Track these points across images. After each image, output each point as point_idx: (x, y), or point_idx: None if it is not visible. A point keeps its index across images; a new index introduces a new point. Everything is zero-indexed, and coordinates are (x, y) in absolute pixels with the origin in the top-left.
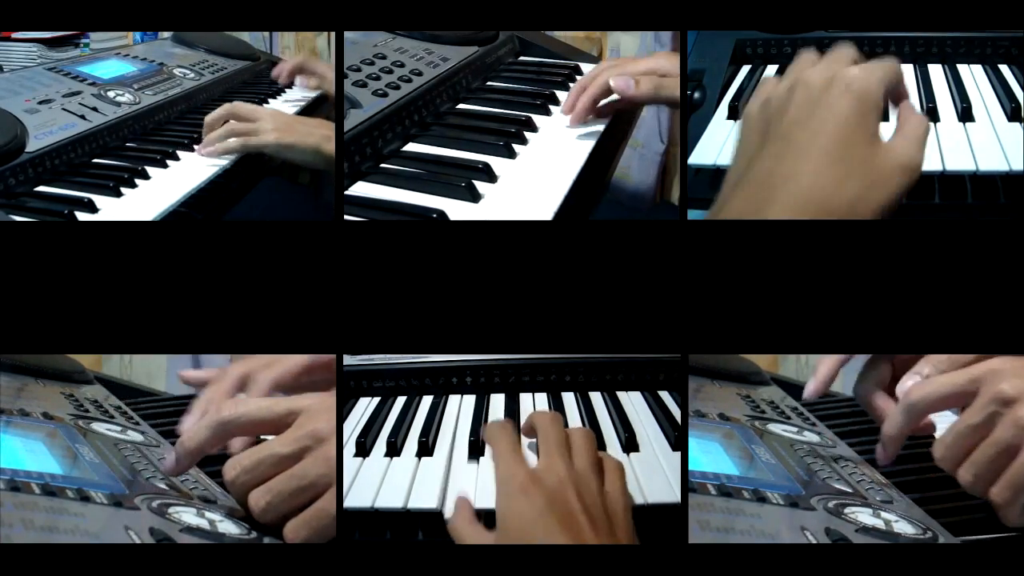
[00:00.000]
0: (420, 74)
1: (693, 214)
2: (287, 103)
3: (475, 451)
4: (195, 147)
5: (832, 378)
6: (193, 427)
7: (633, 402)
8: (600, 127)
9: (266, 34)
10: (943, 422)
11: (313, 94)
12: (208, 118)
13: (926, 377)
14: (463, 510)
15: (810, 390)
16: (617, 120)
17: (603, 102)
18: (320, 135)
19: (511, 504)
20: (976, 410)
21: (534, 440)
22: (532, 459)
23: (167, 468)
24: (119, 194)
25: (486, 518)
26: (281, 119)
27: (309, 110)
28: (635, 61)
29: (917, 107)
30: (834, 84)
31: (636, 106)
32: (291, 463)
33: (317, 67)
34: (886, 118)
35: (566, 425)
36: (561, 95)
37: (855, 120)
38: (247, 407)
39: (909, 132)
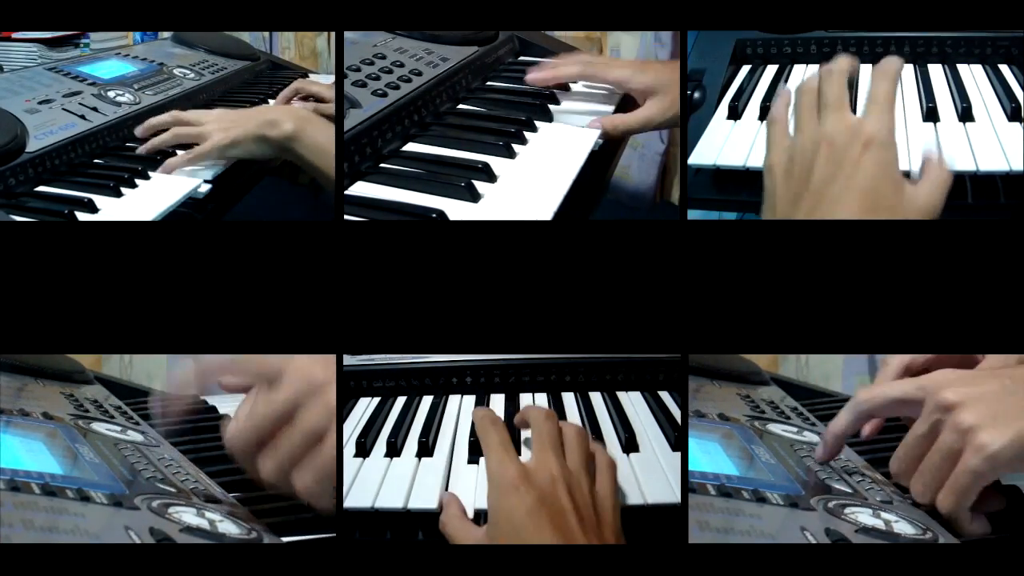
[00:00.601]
0: (420, 74)
1: (693, 214)
2: None
3: (475, 451)
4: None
5: (840, 447)
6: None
7: (633, 402)
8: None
9: (266, 34)
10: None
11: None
12: (151, 121)
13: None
14: (453, 507)
15: (819, 455)
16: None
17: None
18: (260, 121)
19: (502, 501)
20: (922, 420)
21: (529, 434)
22: (524, 454)
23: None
24: (119, 194)
25: (483, 518)
26: (227, 117)
27: None
28: (610, 66)
29: (937, 154)
30: (854, 142)
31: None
32: (288, 419)
33: (312, 88)
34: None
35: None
36: (561, 95)
37: (881, 172)
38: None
39: (934, 179)
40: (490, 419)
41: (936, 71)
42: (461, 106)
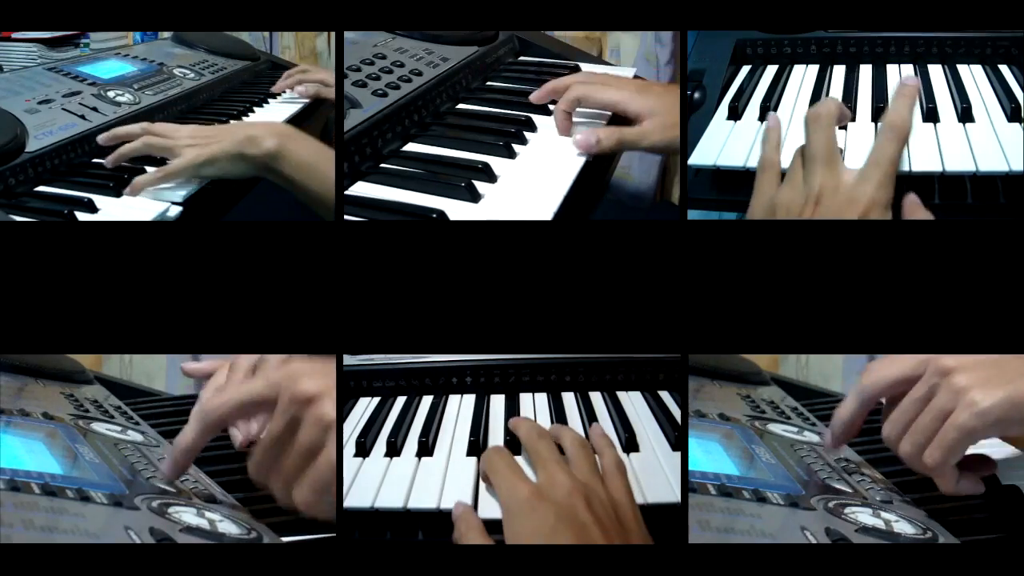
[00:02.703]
0: (420, 74)
1: (693, 214)
2: (285, 104)
3: (475, 451)
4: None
5: (849, 433)
6: (184, 429)
7: (633, 402)
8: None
9: (266, 34)
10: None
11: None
12: (118, 130)
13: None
14: (471, 521)
15: (829, 443)
16: (616, 120)
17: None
18: (239, 138)
19: (523, 523)
20: (920, 384)
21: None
22: (531, 474)
23: (166, 472)
24: (119, 194)
25: (490, 529)
26: (201, 133)
27: (307, 112)
28: (606, 87)
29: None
30: (850, 208)
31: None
32: (289, 436)
33: (312, 75)
34: None
35: (565, 422)
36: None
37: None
38: (227, 394)
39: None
40: (495, 448)
41: (936, 71)
42: (461, 106)
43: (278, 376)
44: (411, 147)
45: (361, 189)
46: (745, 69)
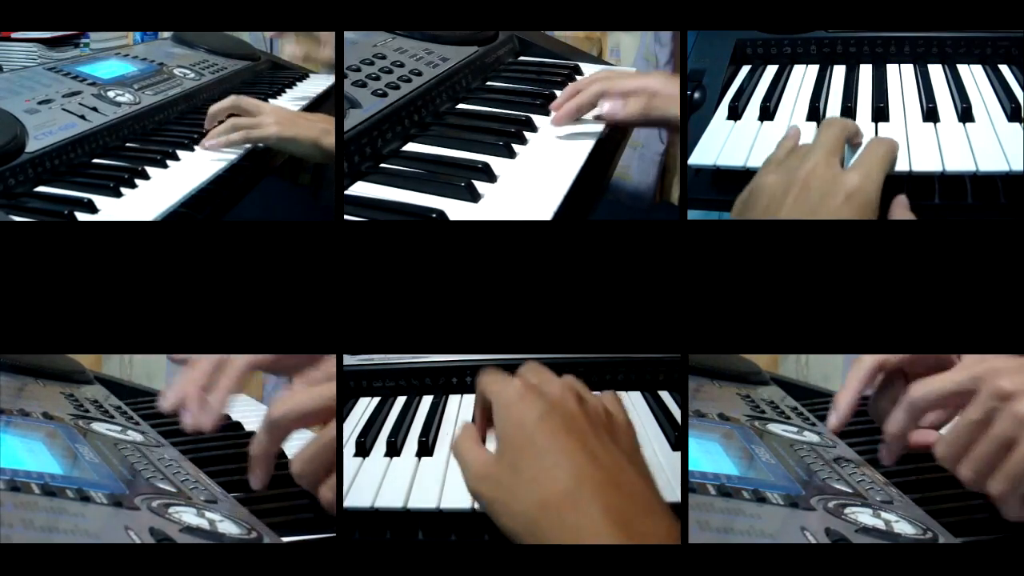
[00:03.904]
0: (420, 74)
1: (693, 214)
2: (291, 101)
3: None
4: (198, 145)
5: (853, 409)
6: (255, 439)
7: (633, 402)
8: (600, 127)
9: (266, 34)
10: None
11: (318, 91)
12: (212, 109)
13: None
14: (468, 431)
15: (831, 423)
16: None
17: (591, 115)
18: (320, 129)
19: (510, 413)
20: (976, 406)
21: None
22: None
23: (255, 484)
24: (119, 194)
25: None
26: (283, 113)
27: (313, 107)
28: (628, 76)
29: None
30: (835, 191)
31: (626, 126)
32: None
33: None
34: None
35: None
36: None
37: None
38: (293, 401)
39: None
40: (488, 369)
41: (936, 71)
42: (461, 106)
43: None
44: (411, 147)
45: (361, 189)
46: (745, 69)
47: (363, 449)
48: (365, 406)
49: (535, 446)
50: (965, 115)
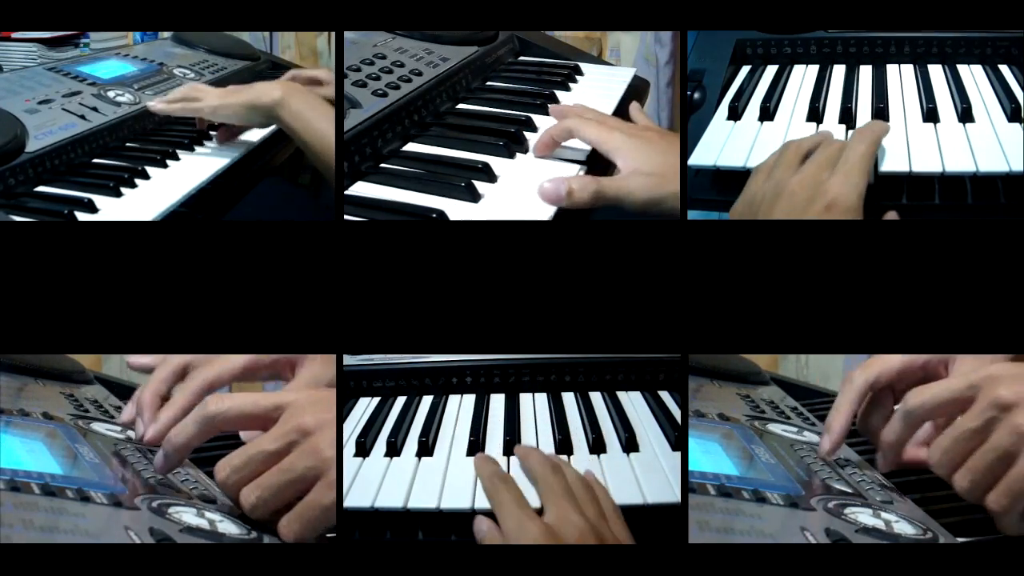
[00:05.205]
0: (420, 74)
1: (693, 214)
2: None
3: (475, 451)
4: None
5: (847, 432)
6: (180, 424)
7: (633, 402)
8: None
9: (266, 34)
10: None
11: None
12: (174, 93)
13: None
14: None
15: (825, 447)
16: (598, 164)
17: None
18: (255, 91)
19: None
20: (974, 415)
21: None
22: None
23: (158, 467)
24: (119, 194)
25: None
26: (228, 90)
27: None
28: (596, 122)
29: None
30: (816, 199)
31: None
32: (279, 458)
33: (307, 74)
34: None
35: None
36: (561, 95)
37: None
38: (233, 401)
39: None
40: (499, 476)
41: (936, 71)
42: (461, 106)
43: (283, 399)
44: (411, 147)
45: (361, 189)
46: (745, 69)
47: (363, 449)
48: (365, 406)
49: None
50: (965, 115)
